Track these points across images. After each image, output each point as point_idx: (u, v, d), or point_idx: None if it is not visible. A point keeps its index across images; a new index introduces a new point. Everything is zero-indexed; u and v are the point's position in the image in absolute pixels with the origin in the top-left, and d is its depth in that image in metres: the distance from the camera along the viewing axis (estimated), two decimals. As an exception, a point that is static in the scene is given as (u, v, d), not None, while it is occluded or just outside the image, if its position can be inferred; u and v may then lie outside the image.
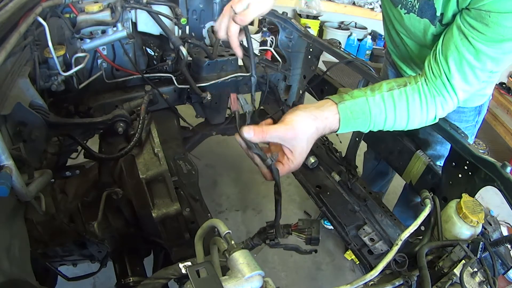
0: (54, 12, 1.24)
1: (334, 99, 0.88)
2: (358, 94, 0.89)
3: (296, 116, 0.81)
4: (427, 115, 0.93)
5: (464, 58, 0.86)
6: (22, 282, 0.68)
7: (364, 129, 0.92)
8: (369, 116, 0.89)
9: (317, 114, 0.84)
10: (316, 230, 0.93)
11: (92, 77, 1.43)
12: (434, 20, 1.00)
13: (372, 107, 0.88)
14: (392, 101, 0.89)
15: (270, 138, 0.80)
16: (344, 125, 0.87)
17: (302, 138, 0.81)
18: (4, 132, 0.87)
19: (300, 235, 0.94)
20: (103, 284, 1.91)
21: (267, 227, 0.94)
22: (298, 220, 0.94)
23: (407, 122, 0.93)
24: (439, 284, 0.73)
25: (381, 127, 0.93)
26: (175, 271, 0.61)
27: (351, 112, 0.86)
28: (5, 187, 0.64)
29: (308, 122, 0.82)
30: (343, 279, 2.19)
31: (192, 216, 1.26)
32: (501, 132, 3.85)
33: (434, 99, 0.91)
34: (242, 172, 2.85)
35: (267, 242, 0.95)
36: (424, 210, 0.87)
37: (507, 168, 0.94)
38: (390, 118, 0.90)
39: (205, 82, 1.63)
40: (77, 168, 1.36)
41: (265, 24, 4.00)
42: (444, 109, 0.94)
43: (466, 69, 0.87)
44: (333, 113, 0.86)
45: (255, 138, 0.79)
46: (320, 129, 0.84)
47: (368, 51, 5.15)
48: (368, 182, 1.99)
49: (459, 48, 0.86)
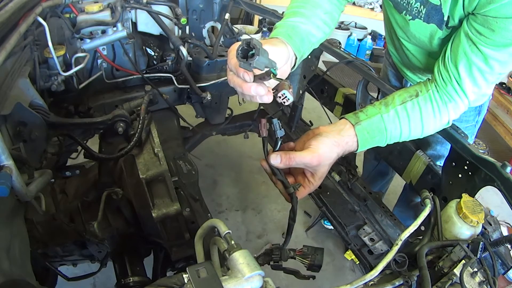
0: (54, 12, 1.24)
1: (351, 120, 0.90)
2: (373, 112, 0.92)
3: (321, 143, 0.85)
4: (441, 121, 0.95)
5: (474, 64, 0.87)
6: (22, 282, 0.68)
7: (382, 144, 0.94)
8: (385, 133, 0.92)
9: (339, 140, 0.88)
10: (319, 257, 0.95)
11: (92, 77, 1.43)
12: (442, 25, 1.00)
13: (387, 124, 0.91)
14: (406, 114, 0.92)
15: (296, 164, 0.83)
16: (362, 145, 0.91)
17: (324, 163, 0.85)
18: (4, 132, 0.87)
19: (304, 260, 0.95)
20: (103, 284, 1.91)
21: (273, 249, 0.96)
22: (303, 246, 0.96)
23: (421, 131, 0.95)
24: (439, 284, 0.73)
25: (397, 139, 0.95)
26: (178, 280, 0.62)
27: (368, 132, 0.90)
28: (5, 187, 0.64)
29: (331, 149, 0.86)
30: (343, 279, 2.19)
31: (192, 216, 1.26)
32: (501, 132, 3.85)
33: (446, 105, 0.93)
34: (242, 172, 2.85)
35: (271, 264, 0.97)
36: (424, 210, 0.87)
37: (507, 168, 0.94)
38: (405, 131, 0.93)
39: (205, 82, 1.63)
40: (77, 168, 1.36)
41: (265, 24, 4.00)
42: (456, 113, 0.96)
43: (476, 74, 0.88)
44: (351, 136, 0.89)
45: (282, 165, 0.82)
46: (340, 153, 0.89)
47: (368, 51, 5.15)
48: (368, 182, 2.00)
49: (468, 54, 0.87)
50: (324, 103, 1.78)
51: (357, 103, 1.48)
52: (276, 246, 0.96)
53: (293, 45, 0.88)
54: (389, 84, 1.35)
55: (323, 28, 1.01)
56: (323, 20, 1.00)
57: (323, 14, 1.01)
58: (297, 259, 0.96)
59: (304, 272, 1.02)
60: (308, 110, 2.13)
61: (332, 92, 1.73)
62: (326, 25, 1.02)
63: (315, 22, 0.98)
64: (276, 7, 1.83)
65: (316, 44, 1.02)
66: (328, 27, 1.03)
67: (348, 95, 1.65)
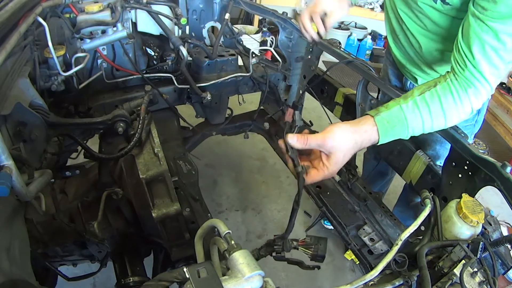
0: (54, 12, 1.24)
1: (371, 113, 0.93)
2: (392, 104, 0.93)
3: (337, 127, 0.87)
4: (463, 109, 0.94)
5: (486, 42, 0.88)
6: (22, 282, 0.68)
7: (405, 135, 0.94)
8: (406, 122, 0.92)
9: (357, 128, 0.89)
10: (323, 247, 0.95)
11: (92, 77, 1.43)
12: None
13: (407, 113, 0.91)
14: (425, 103, 0.92)
15: (310, 144, 0.87)
16: (383, 135, 0.91)
17: (339, 148, 0.86)
18: (4, 132, 0.87)
19: (307, 250, 0.95)
20: (103, 284, 1.91)
21: (276, 240, 0.95)
22: (306, 236, 0.96)
23: (444, 121, 0.94)
24: (439, 284, 0.73)
25: (420, 130, 0.95)
26: (179, 274, 0.61)
27: (388, 121, 0.90)
28: (5, 187, 0.64)
29: (347, 134, 0.87)
30: (343, 279, 2.19)
31: (192, 216, 1.26)
32: (501, 132, 3.85)
33: (466, 91, 0.93)
34: (242, 172, 2.85)
35: (273, 255, 0.96)
36: (424, 210, 0.87)
37: (507, 168, 0.94)
38: (427, 120, 0.93)
39: (205, 82, 1.63)
40: (77, 168, 1.36)
41: (265, 24, 4.00)
42: (478, 99, 0.95)
43: (490, 52, 0.88)
44: (371, 125, 0.90)
45: (298, 144, 0.87)
46: (359, 142, 0.89)
47: (368, 51, 5.15)
48: (368, 182, 2.00)
49: (478, 34, 0.88)
50: (324, 103, 1.78)
51: (357, 103, 1.47)
52: (278, 236, 0.95)
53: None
54: (389, 84, 1.35)
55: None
56: None
57: None
58: (300, 250, 0.95)
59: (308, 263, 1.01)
60: (308, 110, 2.13)
61: (332, 92, 1.73)
62: None
63: None
64: (276, 7, 1.83)
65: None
66: None
67: (348, 95, 1.65)
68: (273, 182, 2.76)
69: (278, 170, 2.85)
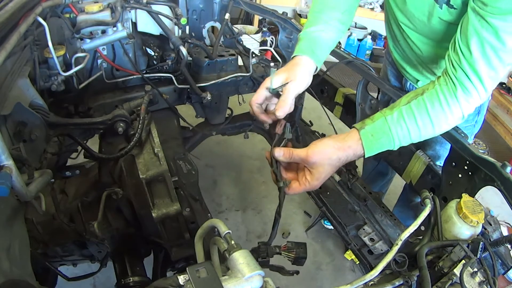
0: (54, 12, 1.24)
1: (356, 126, 0.93)
2: (378, 116, 0.93)
3: (319, 142, 0.90)
4: (452, 115, 0.91)
5: (485, 40, 0.84)
6: (22, 282, 0.68)
7: (391, 147, 0.93)
8: (390, 134, 0.91)
9: (340, 144, 0.90)
10: (303, 250, 1.00)
11: (92, 77, 1.43)
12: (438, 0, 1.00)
13: (391, 125, 0.90)
14: (411, 113, 0.90)
15: (294, 159, 0.91)
16: (368, 148, 0.90)
17: (321, 163, 0.88)
18: (4, 132, 0.87)
19: (289, 254, 1.00)
20: (103, 284, 1.91)
21: (260, 246, 0.99)
22: (287, 242, 1.01)
23: (433, 129, 0.92)
24: (439, 284, 0.73)
25: (408, 140, 0.93)
26: (173, 281, 0.62)
27: (372, 134, 0.90)
28: (5, 187, 0.64)
29: (330, 150, 0.89)
30: (343, 279, 2.19)
31: (192, 216, 1.26)
32: (501, 132, 3.85)
33: (456, 96, 0.89)
34: (242, 172, 2.85)
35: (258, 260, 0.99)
36: (424, 210, 0.87)
37: (507, 168, 0.94)
38: (413, 130, 0.91)
39: (205, 82, 1.63)
40: (77, 168, 1.36)
41: (265, 24, 3.99)
42: (470, 102, 0.90)
43: (489, 52, 0.85)
44: (355, 140, 0.91)
45: (283, 158, 0.91)
46: (343, 158, 0.90)
47: (368, 51, 5.15)
48: (368, 182, 1.99)
49: (478, 30, 0.85)
50: (324, 103, 1.78)
51: (357, 103, 1.47)
52: (262, 243, 0.99)
53: (316, 60, 1.06)
54: (389, 84, 1.35)
55: (341, 28, 1.14)
56: (341, 21, 1.13)
57: (340, 15, 1.12)
58: (283, 254, 0.99)
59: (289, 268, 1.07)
60: (308, 110, 2.13)
61: (332, 92, 1.73)
62: (344, 24, 1.15)
63: (334, 25, 1.12)
64: (276, 7, 1.83)
65: (333, 46, 1.17)
66: (346, 26, 1.16)
67: (348, 95, 1.65)
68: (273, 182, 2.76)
69: (278, 170, 2.84)
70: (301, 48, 1.06)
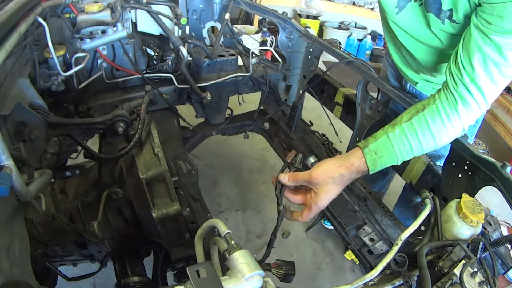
0: (54, 12, 1.24)
1: (360, 144, 0.95)
2: (380, 134, 0.95)
3: (322, 163, 0.93)
4: (453, 129, 0.93)
5: (488, 56, 0.85)
6: (22, 282, 0.68)
7: (395, 162, 0.95)
8: (393, 151, 0.93)
9: (343, 162, 0.93)
10: (291, 268, 1.02)
11: (92, 77, 1.43)
12: (440, 15, 1.00)
13: (393, 143, 0.92)
14: (413, 130, 0.92)
15: (299, 181, 0.94)
16: (372, 166, 0.92)
17: (325, 182, 0.90)
18: (4, 132, 0.87)
19: (278, 271, 1.02)
20: (103, 284, 1.91)
21: None
22: (276, 260, 1.04)
23: (434, 143, 0.94)
24: (439, 284, 0.73)
25: (410, 155, 0.95)
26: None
27: (375, 152, 0.92)
28: (5, 187, 0.64)
29: (333, 168, 0.91)
30: (343, 279, 2.19)
31: (192, 216, 1.26)
32: (501, 132, 3.85)
33: (456, 110, 0.90)
34: (242, 172, 2.85)
35: None
36: (424, 210, 0.87)
37: (507, 168, 0.94)
38: (415, 146, 0.93)
39: (205, 82, 1.63)
40: (77, 168, 1.36)
41: (265, 24, 4.00)
42: (470, 116, 0.92)
43: (492, 67, 0.86)
44: (358, 158, 0.93)
45: (289, 182, 0.96)
46: (346, 175, 0.92)
47: (368, 51, 5.15)
48: (368, 182, 1.99)
49: (481, 47, 0.85)
50: (324, 103, 1.78)
51: (357, 103, 1.47)
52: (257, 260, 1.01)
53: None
54: (389, 84, 1.35)
55: None
56: None
57: None
58: (273, 271, 1.02)
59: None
60: (308, 110, 2.13)
61: (332, 92, 1.73)
62: None
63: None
64: (276, 7, 1.83)
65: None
66: None
67: (348, 95, 1.65)
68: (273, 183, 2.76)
69: (278, 170, 2.84)
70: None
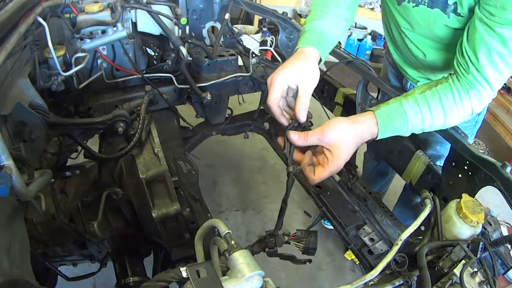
0: (54, 12, 1.24)
1: (372, 108, 0.93)
2: (392, 101, 0.94)
3: (334, 120, 0.88)
4: (463, 109, 0.94)
5: (493, 48, 0.87)
6: (22, 282, 0.68)
7: (404, 131, 0.93)
8: (406, 117, 0.91)
9: (354, 119, 0.89)
10: (313, 240, 0.96)
11: (92, 77, 1.43)
12: (446, 9, 1.01)
13: (407, 109, 0.91)
14: (425, 101, 0.92)
15: (310, 140, 0.87)
16: (382, 128, 0.90)
17: (339, 138, 0.85)
18: (4, 132, 0.87)
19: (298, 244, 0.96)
20: (103, 284, 1.91)
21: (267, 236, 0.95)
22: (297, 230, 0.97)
23: (444, 119, 0.94)
24: (439, 284, 0.73)
25: (420, 127, 0.94)
26: (176, 274, 0.62)
27: (388, 115, 0.90)
28: (5, 187, 0.64)
29: (345, 124, 0.86)
30: (343, 279, 2.19)
31: (192, 216, 1.26)
32: (501, 132, 3.85)
33: (468, 92, 0.93)
34: (242, 172, 2.85)
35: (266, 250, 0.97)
36: (424, 210, 0.87)
37: (507, 168, 0.94)
38: (426, 117, 0.93)
39: (205, 82, 1.63)
40: (77, 168, 1.36)
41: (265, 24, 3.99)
42: (480, 102, 0.94)
43: (496, 58, 0.88)
44: (370, 117, 0.90)
45: (299, 141, 0.88)
46: (359, 132, 0.88)
47: (368, 51, 5.15)
48: (368, 182, 2.00)
49: (485, 39, 0.87)
50: (324, 103, 1.78)
51: (357, 103, 1.47)
52: (270, 233, 0.96)
53: (321, 52, 1.02)
54: (389, 84, 1.35)
55: (344, 25, 1.14)
56: (344, 18, 1.12)
57: (344, 11, 1.12)
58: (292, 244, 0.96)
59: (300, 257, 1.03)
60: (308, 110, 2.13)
61: (332, 92, 1.73)
62: (347, 21, 1.14)
63: (338, 22, 1.11)
64: (276, 7, 1.83)
65: (337, 42, 1.15)
66: (349, 22, 1.15)
67: (348, 95, 1.65)
68: (273, 182, 2.76)
69: (278, 170, 2.85)
70: (307, 39, 1.02)
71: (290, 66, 0.93)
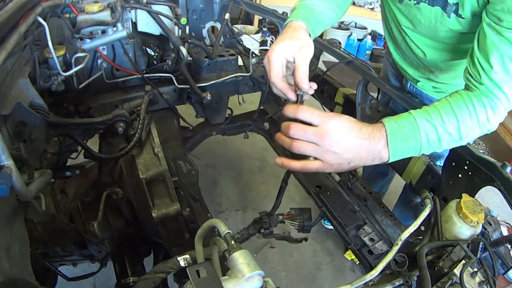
0: (54, 12, 1.24)
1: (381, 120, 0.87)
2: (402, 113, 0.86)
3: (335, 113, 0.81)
4: (478, 119, 0.86)
5: (505, 54, 0.84)
6: (22, 282, 0.68)
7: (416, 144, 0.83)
8: (416, 124, 0.83)
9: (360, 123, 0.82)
10: (307, 217, 0.95)
11: (92, 77, 1.43)
12: (446, 8, 1.00)
13: (416, 117, 0.84)
14: (436, 110, 0.85)
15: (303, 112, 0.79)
16: (391, 134, 0.81)
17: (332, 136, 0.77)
18: (4, 132, 0.87)
19: (293, 222, 0.94)
20: (103, 284, 1.91)
21: (262, 216, 0.95)
22: (290, 208, 0.95)
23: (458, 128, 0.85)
24: (439, 284, 0.73)
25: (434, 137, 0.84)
26: (174, 264, 0.62)
27: (396, 122, 0.83)
28: (5, 187, 0.64)
29: (345, 122, 0.79)
30: (343, 279, 2.19)
31: (192, 216, 1.26)
32: (501, 132, 3.85)
33: (481, 101, 0.86)
34: (242, 172, 2.85)
35: (262, 231, 0.96)
36: (424, 210, 0.87)
37: (507, 168, 0.94)
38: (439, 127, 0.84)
39: (205, 82, 1.63)
40: (77, 168, 1.36)
41: (265, 24, 4.00)
42: (495, 112, 0.87)
43: (509, 64, 0.84)
44: (376, 125, 0.83)
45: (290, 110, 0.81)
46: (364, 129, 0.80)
47: (368, 51, 5.15)
48: (368, 182, 2.00)
49: (496, 45, 0.85)
50: (324, 103, 1.78)
51: (357, 103, 1.47)
52: (264, 213, 0.95)
53: (310, 28, 1.01)
54: (389, 84, 1.35)
55: (336, 10, 1.14)
56: (336, 4, 1.14)
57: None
58: (287, 223, 0.95)
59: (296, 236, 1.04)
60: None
61: (332, 92, 1.73)
62: (339, 8, 1.15)
63: (329, 5, 1.12)
64: (276, 7, 1.83)
65: (328, 25, 1.15)
66: (341, 10, 1.16)
67: (348, 95, 1.65)
68: (273, 182, 2.76)
69: (278, 170, 2.84)
70: (295, 14, 1.02)
71: (283, 40, 0.93)
